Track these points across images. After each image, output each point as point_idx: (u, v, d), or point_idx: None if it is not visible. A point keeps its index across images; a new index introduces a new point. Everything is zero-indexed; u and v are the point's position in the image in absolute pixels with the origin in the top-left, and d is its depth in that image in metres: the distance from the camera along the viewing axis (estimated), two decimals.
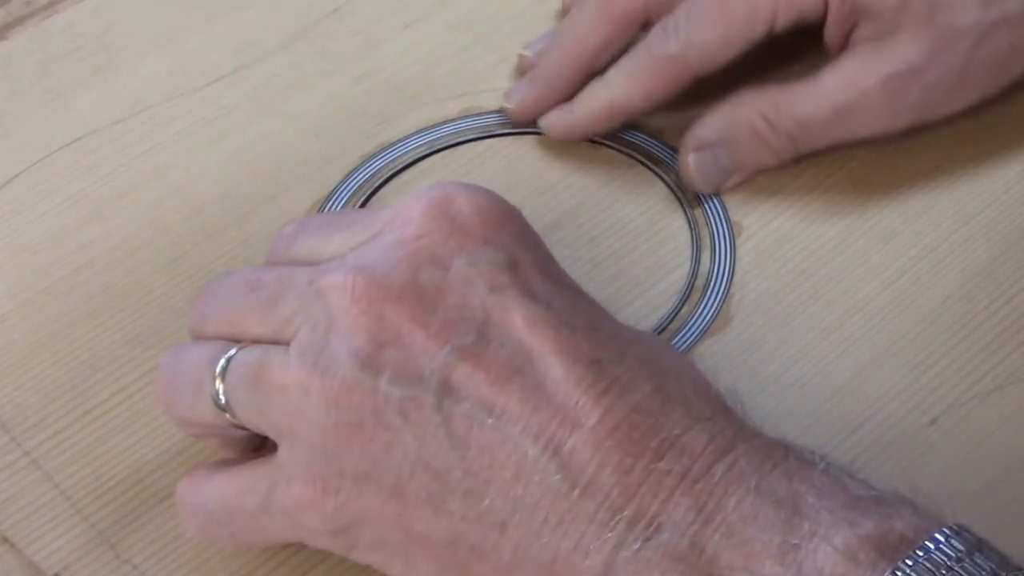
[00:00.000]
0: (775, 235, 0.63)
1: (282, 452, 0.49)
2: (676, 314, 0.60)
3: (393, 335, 0.48)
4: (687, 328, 0.60)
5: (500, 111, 0.67)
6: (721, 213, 0.63)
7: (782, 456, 0.47)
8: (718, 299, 0.61)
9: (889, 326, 0.60)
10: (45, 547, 0.55)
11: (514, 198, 0.63)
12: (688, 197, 0.64)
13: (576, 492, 0.46)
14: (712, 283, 0.61)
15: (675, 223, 0.64)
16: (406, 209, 0.50)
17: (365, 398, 0.47)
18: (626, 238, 0.63)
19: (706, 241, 0.63)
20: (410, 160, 0.65)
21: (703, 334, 0.60)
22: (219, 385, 0.51)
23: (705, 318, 0.60)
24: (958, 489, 0.55)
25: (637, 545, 0.45)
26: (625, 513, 0.46)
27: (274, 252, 0.54)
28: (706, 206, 0.64)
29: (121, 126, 0.69)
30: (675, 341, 0.59)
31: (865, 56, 0.62)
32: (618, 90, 0.64)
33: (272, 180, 0.66)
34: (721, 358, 0.59)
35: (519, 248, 0.50)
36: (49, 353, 0.60)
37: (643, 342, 0.50)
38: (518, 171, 0.65)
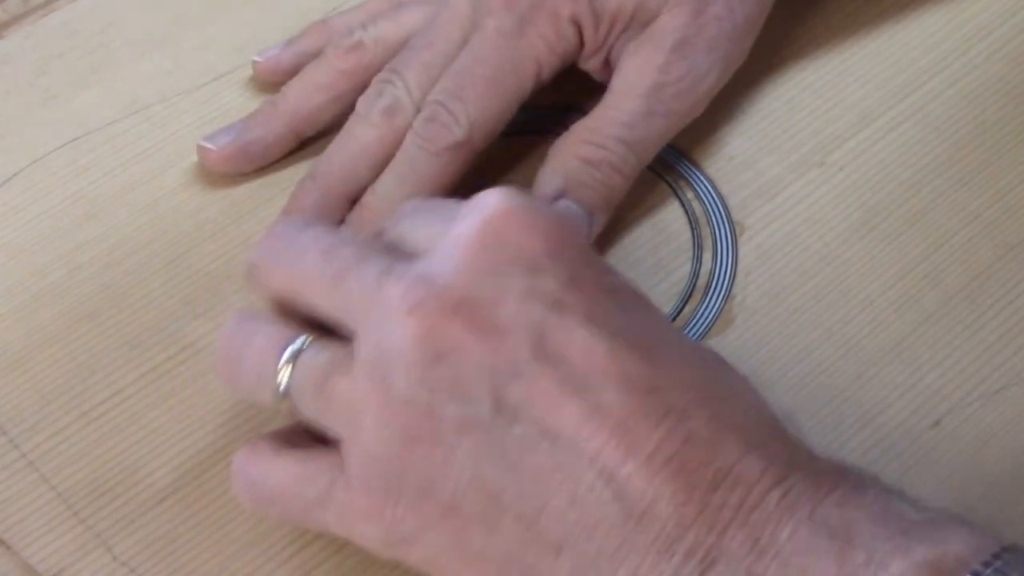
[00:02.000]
0: (777, 235, 0.63)
1: (344, 452, 0.49)
2: (678, 314, 0.60)
3: (449, 349, 0.47)
4: (689, 329, 0.60)
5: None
6: (723, 213, 0.63)
7: (834, 483, 0.46)
8: (720, 299, 0.60)
9: (892, 327, 0.59)
10: (42, 549, 0.55)
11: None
12: (689, 196, 0.64)
13: (631, 522, 0.46)
14: (714, 283, 0.61)
15: (676, 223, 0.64)
16: (477, 210, 0.49)
17: (421, 414, 0.47)
18: (627, 238, 0.63)
19: (708, 241, 0.62)
20: None
21: (705, 335, 0.59)
22: (284, 379, 0.50)
23: (707, 319, 0.60)
24: (962, 491, 0.55)
25: None
26: (682, 545, 0.45)
27: (387, 220, 0.54)
28: (708, 206, 0.64)
29: (119, 126, 0.68)
30: None
31: (642, 47, 0.62)
32: (406, 196, 0.61)
33: (271, 180, 0.66)
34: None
35: (579, 266, 0.49)
36: (46, 354, 0.60)
37: (701, 363, 0.50)
38: (518, 171, 0.65)
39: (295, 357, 0.50)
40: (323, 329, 0.51)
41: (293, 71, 0.68)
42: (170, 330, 0.61)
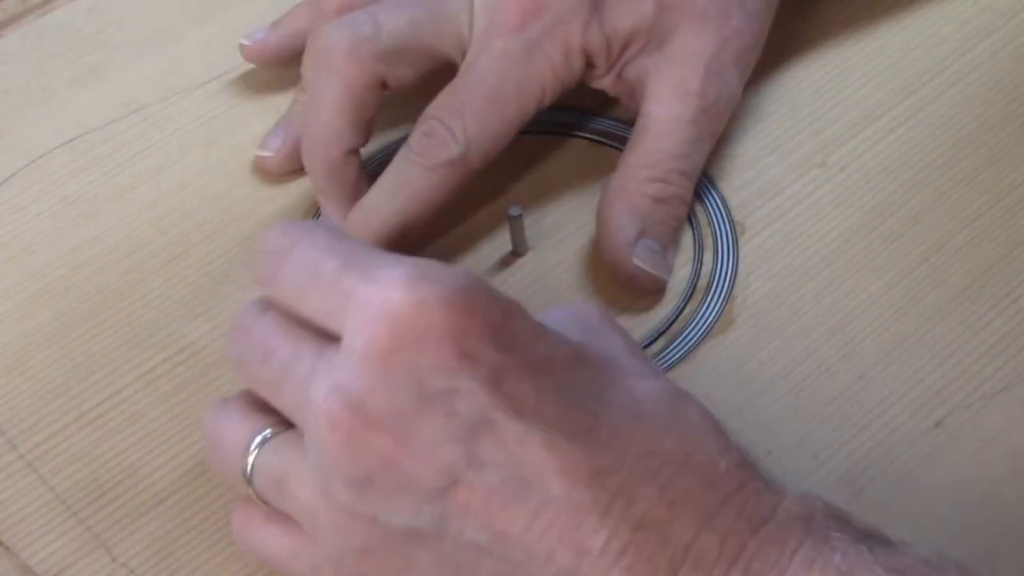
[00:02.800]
0: (778, 235, 0.62)
1: (316, 546, 0.49)
2: (678, 315, 0.60)
3: (379, 466, 0.46)
4: (689, 329, 0.59)
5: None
6: (724, 213, 0.63)
7: (798, 541, 0.46)
8: (721, 300, 0.60)
9: (894, 327, 0.59)
10: (40, 550, 0.55)
11: (515, 199, 0.64)
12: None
13: None
14: (715, 284, 0.61)
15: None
16: (376, 306, 0.46)
17: (369, 529, 0.47)
18: None
19: (708, 241, 0.62)
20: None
21: (706, 335, 0.59)
22: (249, 470, 0.50)
23: (708, 319, 0.60)
24: (963, 492, 0.54)
25: None
26: None
27: (263, 271, 0.51)
28: (709, 206, 0.63)
29: (117, 125, 0.68)
30: (678, 342, 0.59)
31: (671, 70, 0.62)
32: (396, 211, 0.60)
33: (270, 180, 0.66)
34: (724, 359, 0.59)
35: (498, 352, 0.46)
36: (45, 355, 0.60)
37: (649, 417, 0.48)
38: (519, 171, 0.65)
39: (258, 449, 0.50)
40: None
41: (281, 52, 0.68)
42: (169, 330, 0.61)
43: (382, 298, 0.46)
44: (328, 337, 0.48)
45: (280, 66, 0.69)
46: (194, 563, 0.54)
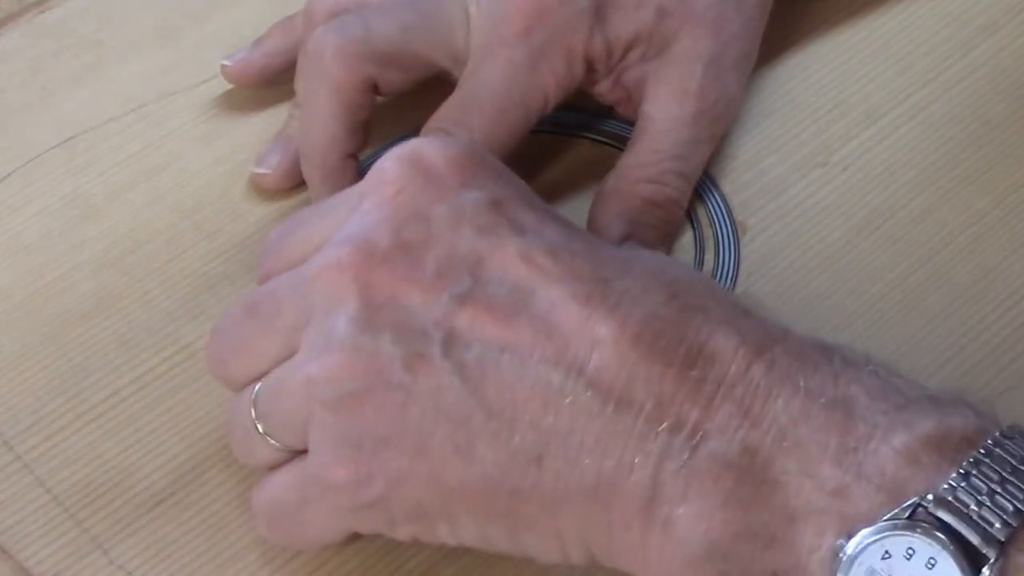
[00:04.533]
0: (780, 235, 0.62)
1: (309, 441, 0.49)
2: None
3: (387, 297, 0.47)
4: None
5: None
6: (725, 213, 0.63)
7: (824, 357, 0.46)
8: None
9: (896, 328, 0.59)
10: (37, 552, 0.54)
11: None
12: (691, 196, 0.63)
13: (610, 408, 0.45)
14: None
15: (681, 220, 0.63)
16: (378, 172, 0.50)
17: (369, 363, 0.47)
18: None
19: (710, 242, 0.62)
20: None
21: None
22: (256, 419, 0.50)
23: None
24: None
25: (685, 455, 0.45)
26: (665, 424, 0.45)
27: (264, 265, 0.53)
28: (710, 206, 0.63)
29: (114, 124, 0.68)
30: None
31: (670, 73, 0.62)
32: None
33: None
34: None
35: (499, 187, 0.50)
36: (41, 355, 0.60)
37: (647, 257, 0.50)
38: (519, 171, 0.64)
39: (256, 395, 0.51)
40: None
41: (264, 71, 0.68)
42: (167, 331, 0.60)
43: (386, 166, 0.50)
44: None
45: (264, 86, 0.69)
46: (192, 565, 0.54)
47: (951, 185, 0.64)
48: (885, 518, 0.43)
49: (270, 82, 0.68)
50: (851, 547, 0.43)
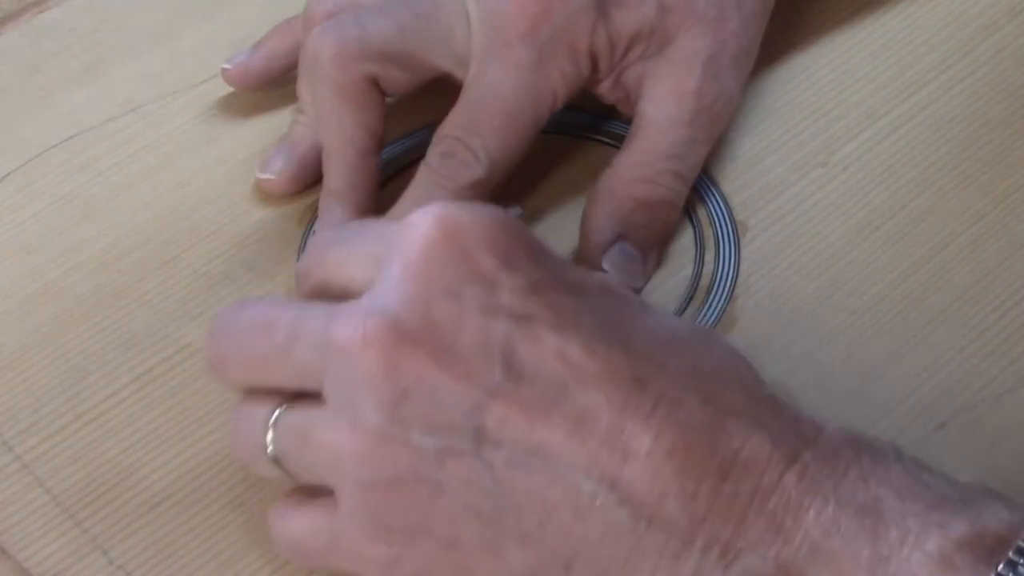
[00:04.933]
0: (780, 235, 0.62)
1: (338, 501, 0.48)
2: (680, 316, 0.60)
3: (415, 382, 0.46)
4: None
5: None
6: (726, 213, 0.63)
7: (853, 456, 0.45)
8: (722, 301, 0.60)
9: (897, 328, 0.59)
10: (37, 553, 0.54)
11: (516, 199, 0.63)
12: (691, 196, 0.63)
13: (642, 525, 0.45)
14: (716, 285, 0.61)
15: (678, 223, 0.63)
16: (411, 229, 0.47)
17: (399, 453, 0.46)
18: None
19: (710, 242, 0.62)
20: (415, 158, 0.64)
21: None
22: (271, 448, 0.50)
23: (709, 320, 0.60)
24: None
25: (717, 574, 0.44)
26: (697, 542, 0.44)
27: (305, 263, 0.53)
28: (710, 206, 0.63)
29: (114, 124, 0.68)
30: None
31: (668, 72, 0.61)
32: None
33: None
34: None
35: (535, 267, 0.47)
36: (40, 356, 0.60)
37: (683, 341, 0.48)
38: (519, 170, 0.64)
39: (275, 425, 0.50)
40: (297, 396, 0.50)
41: (264, 75, 0.67)
42: (166, 332, 0.60)
43: (420, 226, 0.47)
44: (344, 298, 0.48)
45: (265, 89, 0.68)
46: (192, 566, 0.54)
47: (951, 185, 0.63)
48: None
49: (269, 86, 0.68)
50: None
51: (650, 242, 0.61)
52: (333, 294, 0.50)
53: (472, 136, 0.59)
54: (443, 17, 0.61)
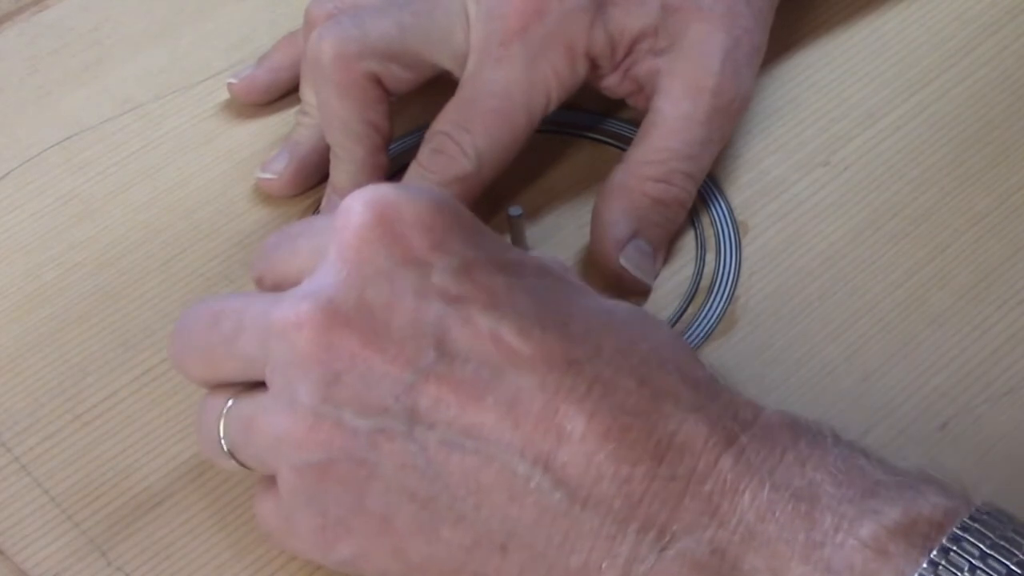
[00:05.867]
0: (782, 235, 0.62)
1: (279, 487, 0.49)
2: (680, 316, 0.60)
3: (348, 363, 0.46)
4: (692, 330, 0.59)
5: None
6: (727, 213, 0.63)
7: (791, 439, 0.45)
8: (723, 301, 0.60)
9: (898, 328, 0.59)
10: (35, 554, 0.54)
11: (515, 199, 0.63)
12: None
13: (577, 507, 0.45)
14: (717, 284, 0.60)
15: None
16: (344, 214, 0.48)
17: (332, 434, 0.46)
18: None
19: (711, 241, 0.62)
20: (411, 159, 0.64)
21: (708, 336, 0.59)
22: (223, 438, 0.50)
23: (710, 320, 0.59)
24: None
25: (653, 557, 0.44)
26: (633, 525, 0.44)
27: (255, 266, 0.53)
28: (711, 205, 0.63)
29: (112, 124, 0.68)
30: None
31: (683, 68, 0.61)
32: None
33: None
34: (726, 361, 0.58)
35: (469, 248, 0.48)
36: (39, 356, 0.60)
37: (620, 323, 0.48)
38: (519, 170, 0.64)
39: (226, 415, 0.50)
40: (251, 388, 0.50)
41: (271, 87, 0.67)
42: (165, 332, 0.60)
43: (353, 209, 0.48)
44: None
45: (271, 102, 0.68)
46: (190, 567, 0.54)
47: (953, 185, 0.63)
48: None
49: (275, 98, 0.68)
50: None
51: (661, 240, 0.61)
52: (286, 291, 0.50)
53: (461, 132, 0.59)
54: (442, 16, 0.61)
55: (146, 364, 0.59)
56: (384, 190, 0.48)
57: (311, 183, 0.64)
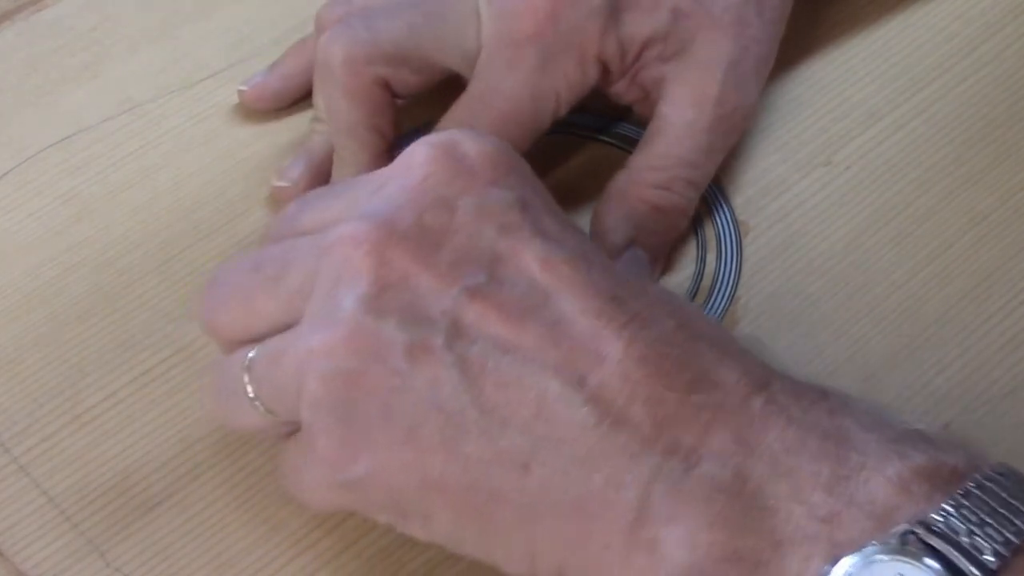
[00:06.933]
0: (783, 235, 0.62)
1: (302, 414, 0.48)
2: None
3: (399, 277, 0.47)
4: None
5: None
6: (728, 213, 0.63)
7: (820, 394, 0.46)
8: (724, 301, 0.60)
9: (899, 329, 0.59)
10: (34, 555, 0.54)
11: None
12: None
13: (605, 425, 0.45)
14: (718, 284, 0.60)
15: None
16: (409, 156, 0.50)
17: (369, 342, 0.46)
18: None
19: (712, 242, 0.62)
20: None
21: None
22: (248, 383, 0.50)
23: None
24: None
25: (676, 477, 0.44)
26: (659, 446, 0.45)
27: (276, 230, 0.53)
28: (712, 205, 0.63)
29: (111, 123, 0.68)
30: None
31: (689, 76, 0.61)
32: None
33: (267, 180, 0.65)
34: None
35: (527, 190, 0.49)
36: (38, 356, 0.60)
37: (659, 287, 0.50)
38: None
39: (250, 363, 0.50)
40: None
41: (281, 94, 0.67)
42: (164, 332, 0.60)
43: (418, 150, 0.49)
44: None
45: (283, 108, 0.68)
46: (189, 568, 0.54)
47: (954, 185, 0.63)
48: (873, 543, 0.42)
49: (286, 105, 0.68)
50: (838, 572, 0.42)
51: (659, 249, 0.61)
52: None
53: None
54: (454, 17, 0.61)
55: (145, 364, 0.59)
56: (450, 132, 0.50)
57: None
